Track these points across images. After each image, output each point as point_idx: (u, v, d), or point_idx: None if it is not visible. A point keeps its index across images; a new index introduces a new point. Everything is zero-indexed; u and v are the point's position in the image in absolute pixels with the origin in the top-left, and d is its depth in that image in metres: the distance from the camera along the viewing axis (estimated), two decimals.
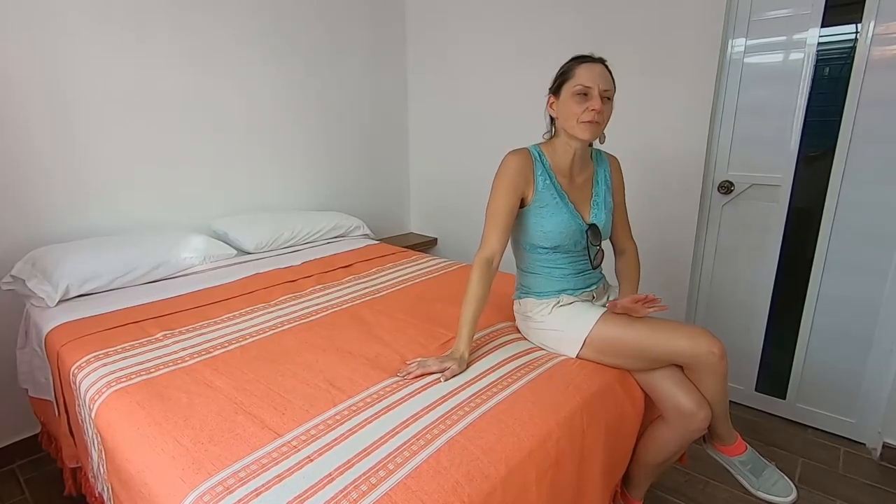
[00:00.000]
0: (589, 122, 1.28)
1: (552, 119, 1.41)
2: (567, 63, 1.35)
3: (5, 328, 1.80)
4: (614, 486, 1.36)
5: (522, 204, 1.38)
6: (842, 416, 2.01)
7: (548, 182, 1.37)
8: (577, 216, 1.38)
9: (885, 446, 1.87)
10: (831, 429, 2.04)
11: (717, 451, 1.39)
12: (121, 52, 1.95)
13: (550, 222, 1.35)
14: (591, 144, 1.45)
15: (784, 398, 2.14)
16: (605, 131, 1.36)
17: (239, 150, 2.38)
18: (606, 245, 1.48)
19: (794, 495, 1.32)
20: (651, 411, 1.36)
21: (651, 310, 1.26)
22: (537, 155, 1.40)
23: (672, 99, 2.11)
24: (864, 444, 1.97)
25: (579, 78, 1.29)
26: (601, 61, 1.32)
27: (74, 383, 1.26)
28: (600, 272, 1.49)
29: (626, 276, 1.50)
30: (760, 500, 1.36)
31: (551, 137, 1.43)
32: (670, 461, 1.36)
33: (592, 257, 1.43)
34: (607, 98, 1.31)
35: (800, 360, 2.07)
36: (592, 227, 1.40)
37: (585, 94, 1.28)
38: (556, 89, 1.36)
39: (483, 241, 1.35)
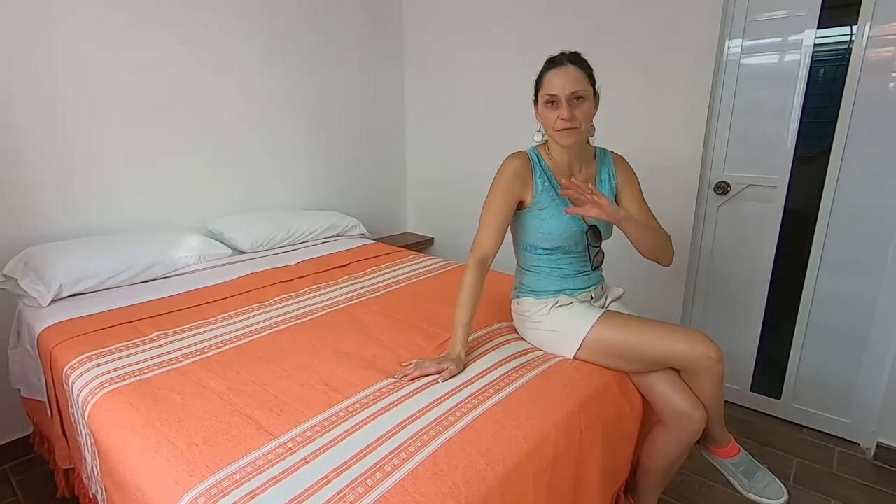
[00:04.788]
0: (563, 129, 1.27)
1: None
2: (541, 70, 1.33)
3: None
4: (615, 491, 1.35)
5: (522, 206, 1.37)
6: (836, 417, 2.02)
7: (547, 184, 1.37)
8: (578, 217, 1.37)
9: (879, 446, 1.88)
10: (826, 429, 2.05)
11: (711, 452, 1.39)
12: (117, 49, 1.93)
13: (550, 224, 1.35)
14: (587, 142, 1.44)
15: (779, 398, 2.15)
16: (600, 127, 1.36)
17: (235, 149, 2.37)
18: (606, 246, 1.47)
19: (784, 497, 1.33)
20: (651, 417, 1.36)
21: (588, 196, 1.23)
22: (535, 157, 1.39)
23: (669, 99, 2.12)
24: (859, 444, 1.98)
25: (547, 87, 1.29)
26: (572, 60, 1.28)
27: (67, 384, 1.25)
28: (600, 273, 1.49)
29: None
30: (752, 502, 1.36)
31: (545, 141, 1.43)
32: (674, 468, 1.36)
33: (592, 258, 1.43)
34: (579, 98, 1.26)
35: (795, 360, 2.08)
36: (593, 229, 1.39)
37: (554, 102, 1.28)
38: (535, 97, 1.35)
39: (476, 242, 1.35)
